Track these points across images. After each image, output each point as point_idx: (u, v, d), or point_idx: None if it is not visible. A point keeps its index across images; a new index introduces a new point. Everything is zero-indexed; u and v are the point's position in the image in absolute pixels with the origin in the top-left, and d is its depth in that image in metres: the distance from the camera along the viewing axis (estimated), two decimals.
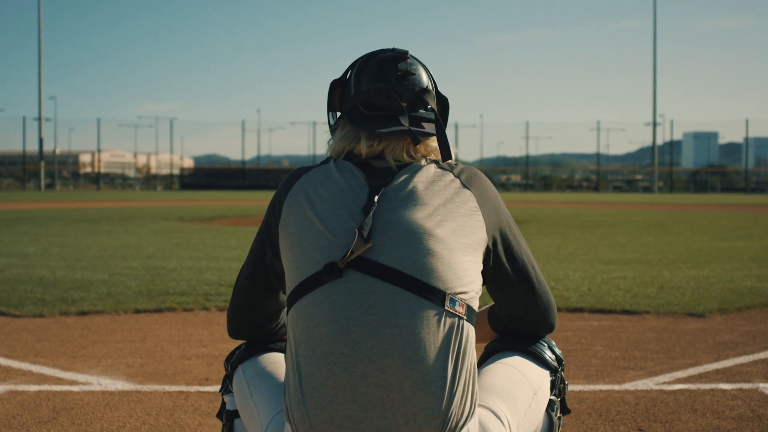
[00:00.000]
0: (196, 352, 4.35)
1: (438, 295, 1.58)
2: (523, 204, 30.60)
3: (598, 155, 74.09)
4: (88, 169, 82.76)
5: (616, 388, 3.62)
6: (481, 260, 1.71)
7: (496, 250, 1.74)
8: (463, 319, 1.60)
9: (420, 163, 1.74)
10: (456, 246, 1.63)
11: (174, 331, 4.94)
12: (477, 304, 1.67)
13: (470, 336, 1.62)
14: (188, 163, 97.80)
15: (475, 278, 1.67)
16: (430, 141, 1.80)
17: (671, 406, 3.33)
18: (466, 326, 1.61)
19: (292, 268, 1.68)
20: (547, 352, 1.89)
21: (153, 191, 58.25)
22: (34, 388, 3.60)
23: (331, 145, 1.85)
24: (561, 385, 1.90)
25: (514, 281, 1.79)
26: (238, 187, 60.97)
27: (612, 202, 35.04)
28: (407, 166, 1.74)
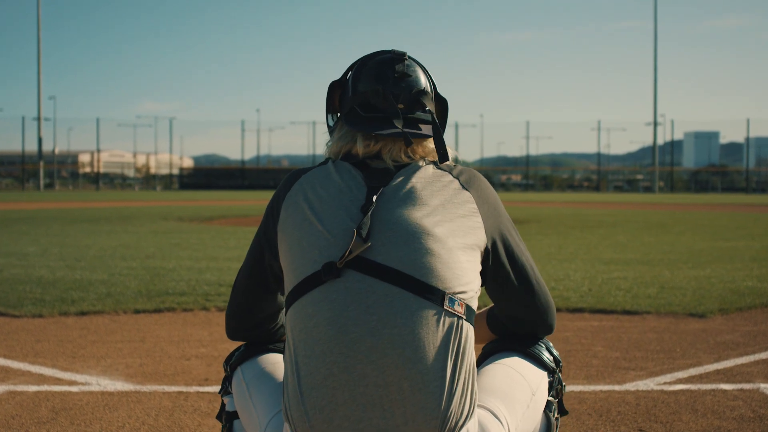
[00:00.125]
0: (196, 353, 4.34)
1: (437, 295, 1.57)
2: (524, 204, 30.61)
3: (598, 155, 74.04)
4: (88, 169, 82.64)
5: (617, 388, 3.62)
6: (480, 261, 1.71)
7: (495, 252, 1.74)
8: (462, 318, 1.60)
9: (418, 164, 1.74)
10: (454, 246, 1.63)
11: (173, 332, 4.94)
12: (476, 304, 1.67)
13: (469, 335, 1.62)
14: (188, 163, 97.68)
15: (473, 278, 1.66)
16: (428, 142, 1.80)
17: (672, 406, 3.33)
18: (466, 326, 1.61)
19: (291, 269, 1.68)
20: (545, 354, 1.89)
21: (152, 191, 58.26)
22: (33, 388, 3.60)
23: (329, 146, 1.85)
24: (559, 387, 1.90)
25: (514, 282, 1.79)
26: (238, 187, 60.94)
27: (613, 202, 35.05)
28: (405, 166, 1.74)
